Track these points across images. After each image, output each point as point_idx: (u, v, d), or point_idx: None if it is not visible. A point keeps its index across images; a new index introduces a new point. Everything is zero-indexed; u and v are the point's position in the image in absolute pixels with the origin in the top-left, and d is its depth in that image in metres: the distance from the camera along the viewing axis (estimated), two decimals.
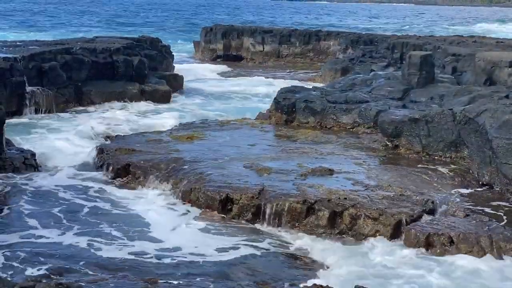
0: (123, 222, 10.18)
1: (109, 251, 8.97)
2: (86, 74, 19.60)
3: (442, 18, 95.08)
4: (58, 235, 9.50)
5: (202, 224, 10.14)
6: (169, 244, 9.34)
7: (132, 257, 8.81)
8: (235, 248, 9.29)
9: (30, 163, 12.78)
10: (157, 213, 10.57)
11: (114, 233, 9.69)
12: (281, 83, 23.90)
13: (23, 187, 11.61)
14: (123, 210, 10.74)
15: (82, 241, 9.27)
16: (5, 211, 10.37)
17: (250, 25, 40.38)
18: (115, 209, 10.78)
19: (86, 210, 10.66)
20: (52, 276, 7.73)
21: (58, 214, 10.37)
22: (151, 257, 8.84)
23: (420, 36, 30.44)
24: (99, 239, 9.38)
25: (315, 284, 7.18)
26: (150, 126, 16.70)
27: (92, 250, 8.98)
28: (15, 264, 8.32)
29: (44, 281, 6.40)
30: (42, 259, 8.49)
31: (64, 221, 10.06)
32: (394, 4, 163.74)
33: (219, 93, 22.71)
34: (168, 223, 10.16)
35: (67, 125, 16.42)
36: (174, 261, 8.75)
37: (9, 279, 6.62)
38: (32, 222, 9.96)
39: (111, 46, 21.12)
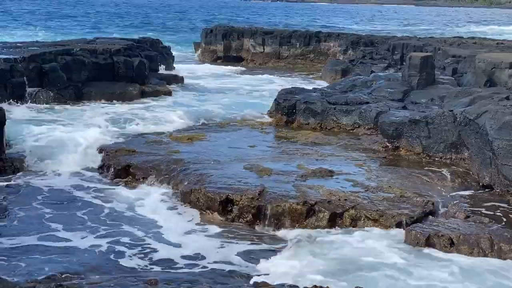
0: (134, 225, 10.06)
1: (133, 259, 8.82)
2: (86, 75, 19.59)
3: (444, 19, 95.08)
4: (62, 237, 9.46)
5: (211, 227, 10.09)
6: (189, 251, 9.16)
7: (159, 267, 8.61)
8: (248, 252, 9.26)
9: (30, 163, 12.77)
10: (162, 215, 10.48)
11: (131, 237, 9.56)
12: (282, 82, 24.01)
13: (25, 189, 11.57)
14: (127, 212, 10.65)
15: (90, 244, 9.19)
16: (10, 214, 10.31)
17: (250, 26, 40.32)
18: (119, 211, 10.68)
19: (88, 212, 10.59)
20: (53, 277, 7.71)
21: (64, 216, 10.33)
22: (182, 267, 8.65)
23: (420, 38, 30.45)
24: (112, 243, 9.23)
25: (315, 286, 7.20)
26: (157, 118, 16.51)
27: (112, 256, 8.82)
28: (22, 266, 8.28)
29: (44, 282, 6.39)
30: (53, 262, 8.41)
31: (67, 224, 9.97)
32: (395, 5, 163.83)
33: (220, 89, 22.55)
34: (177, 226, 10.05)
35: (70, 122, 15.99)
36: (206, 269, 8.58)
37: (10, 280, 6.60)
38: (36, 225, 9.88)
39: (112, 47, 21.14)
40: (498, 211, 10.12)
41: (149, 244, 9.38)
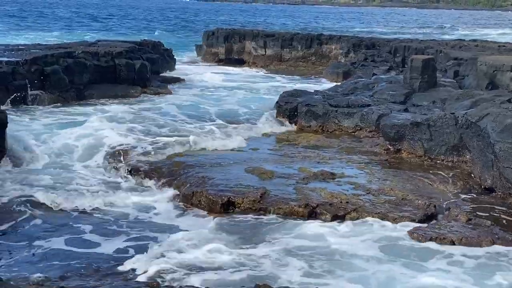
0: (149, 230, 9.81)
1: (139, 262, 8.45)
2: (88, 77, 19.66)
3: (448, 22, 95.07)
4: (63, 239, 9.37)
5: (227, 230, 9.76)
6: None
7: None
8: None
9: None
10: (173, 220, 10.28)
11: (141, 241, 9.31)
12: (283, 81, 24.06)
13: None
14: (130, 216, 10.46)
15: (96, 246, 9.09)
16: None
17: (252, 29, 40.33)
18: (124, 215, 10.48)
19: (90, 213, 10.50)
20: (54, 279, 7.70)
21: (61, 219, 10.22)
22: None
23: (422, 40, 30.46)
24: (123, 246, 9.02)
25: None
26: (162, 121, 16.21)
27: (120, 259, 8.57)
28: (25, 267, 8.24)
29: (45, 285, 6.40)
30: (57, 264, 8.32)
31: (70, 227, 9.87)
32: (396, 7, 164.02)
33: (223, 90, 22.49)
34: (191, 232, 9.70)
35: (72, 123, 15.66)
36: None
37: (11, 282, 6.61)
38: (38, 227, 9.78)
39: (113, 50, 21.19)
40: (500, 213, 10.11)
41: (158, 245, 9.19)
